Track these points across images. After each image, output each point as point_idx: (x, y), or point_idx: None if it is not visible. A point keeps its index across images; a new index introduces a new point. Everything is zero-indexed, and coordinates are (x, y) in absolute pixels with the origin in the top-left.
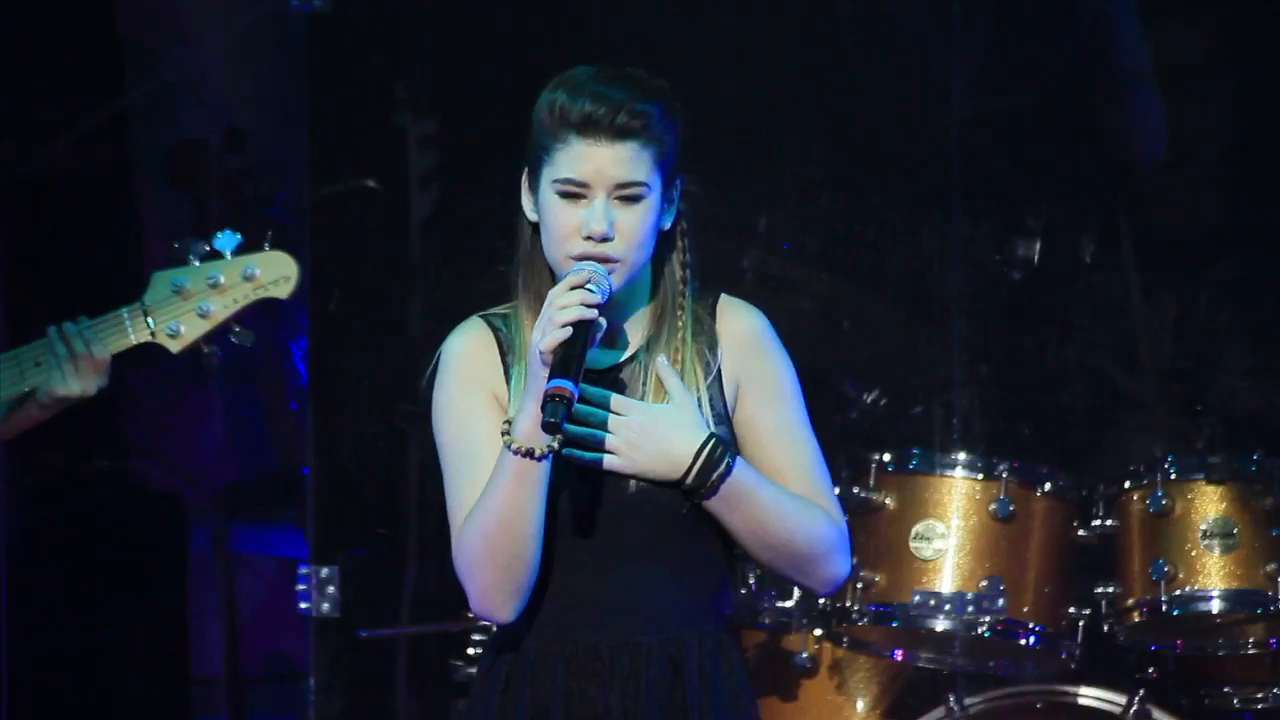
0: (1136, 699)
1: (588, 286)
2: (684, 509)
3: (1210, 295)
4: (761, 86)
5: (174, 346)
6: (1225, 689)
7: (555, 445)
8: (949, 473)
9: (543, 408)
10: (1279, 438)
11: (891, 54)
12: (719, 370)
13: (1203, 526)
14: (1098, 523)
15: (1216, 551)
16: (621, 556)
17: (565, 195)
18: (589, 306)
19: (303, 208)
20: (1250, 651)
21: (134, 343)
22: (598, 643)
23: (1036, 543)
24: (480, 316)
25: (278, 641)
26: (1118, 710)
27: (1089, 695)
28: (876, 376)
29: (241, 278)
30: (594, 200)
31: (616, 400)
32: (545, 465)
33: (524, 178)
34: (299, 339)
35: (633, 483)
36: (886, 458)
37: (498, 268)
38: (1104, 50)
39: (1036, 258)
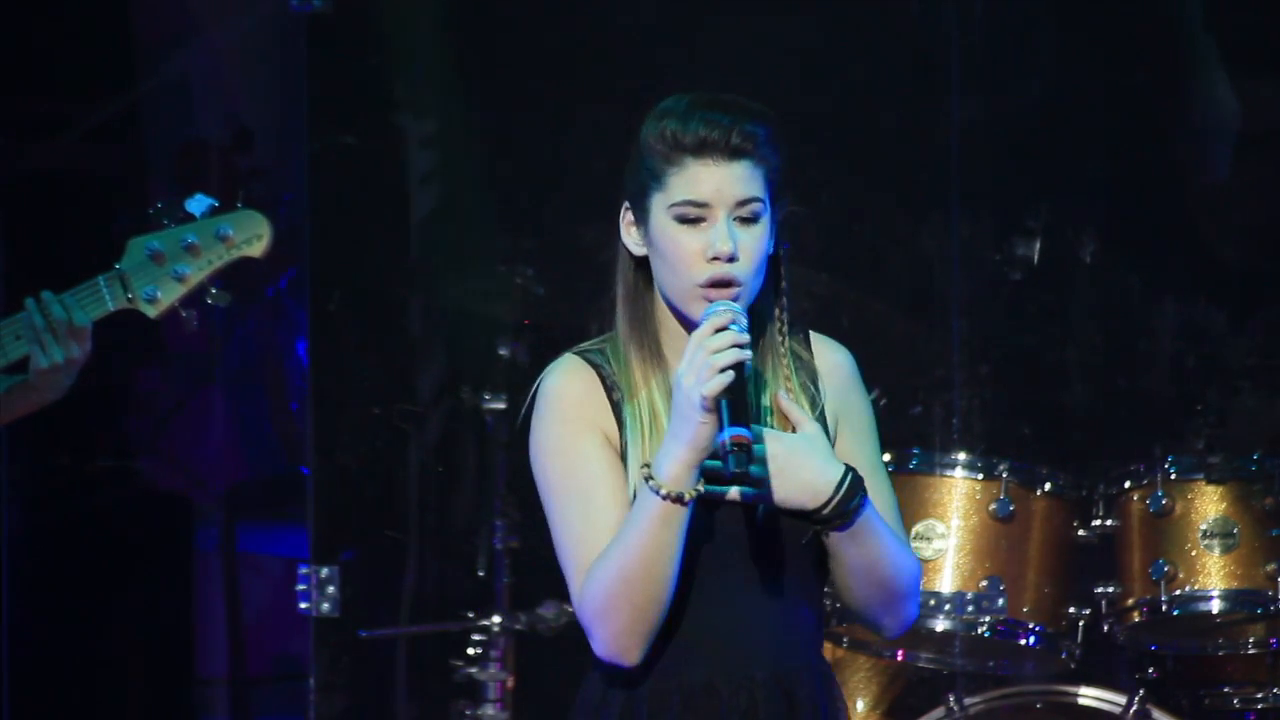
0: (1136, 699)
1: (732, 327)
2: (803, 541)
3: (1211, 296)
4: (761, 87)
5: (151, 311)
6: (1225, 689)
7: (701, 489)
8: (949, 473)
9: (725, 458)
10: (1279, 438)
11: (891, 53)
12: (822, 406)
13: (1203, 526)
14: (1098, 523)
15: (1216, 551)
16: (737, 591)
17: (685, 220)
18: (740, 347)
19: (304, 207)
20: (1250, 651)
21: (112, 309)
22: (715, 679)
23: (1036, 543)
24: (575, 354)
25: (284, 642)
26: (1118, 710)
27: (1089, 695)
28: (876, 376)
29: (214, 238)
30: (716, 220)
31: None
32: (690, 508)
33: (623, 213)
34: (299, 339)
35: (754, 517)
36: (886, 458)
37: (497, 268)
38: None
39: (1036, 258)
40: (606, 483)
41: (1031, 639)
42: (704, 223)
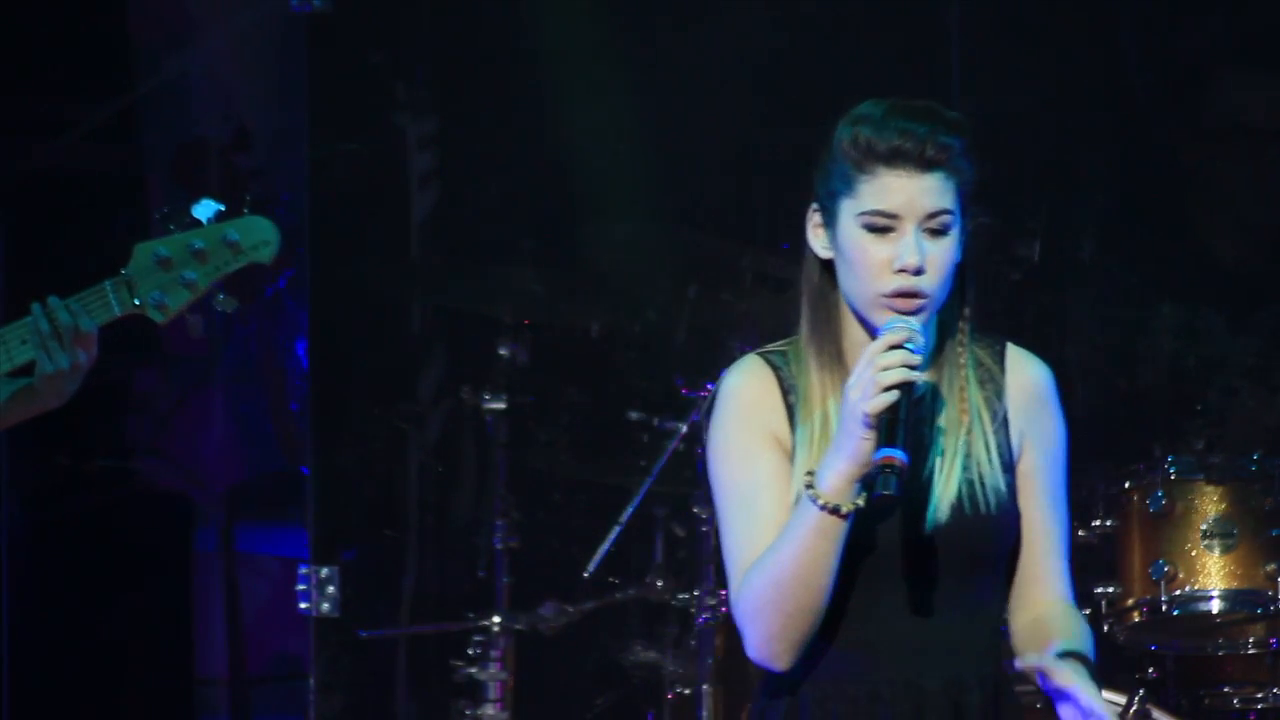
0: (1136, 699)
1: (906, 345)
2: (991, 548)
3: (1210, 296)
4: (760, 87)
5: (159, 317)
6: (1225, 689)
7: (860, 503)
8: None
9: (874, 478)
10: (1279, 438)
11: (891, 53)
12: (1005, 419)
13: (1203, 526)
14: (1098, 523)
15: (1216, 551)
16: (902, 602)
17: (873, 229)
18: (910, 368)
19: (304, 207)
20: (1250, 651)
21: (118, 314)
22: (880, 688)
23: None
24: (758, 354)
25: (283, 642)
26: (1118, 710)
27: None
28: None
29: (222, 244)
30: (905, 232)
31: None
32: (849, 520)
33: (810, 214)
34: (299, 339)
35: (920, 530)
36: None
37: (496, 268)
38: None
39: (1036, 258)
40: (772, 487)
41: None
42: (892, 233)
